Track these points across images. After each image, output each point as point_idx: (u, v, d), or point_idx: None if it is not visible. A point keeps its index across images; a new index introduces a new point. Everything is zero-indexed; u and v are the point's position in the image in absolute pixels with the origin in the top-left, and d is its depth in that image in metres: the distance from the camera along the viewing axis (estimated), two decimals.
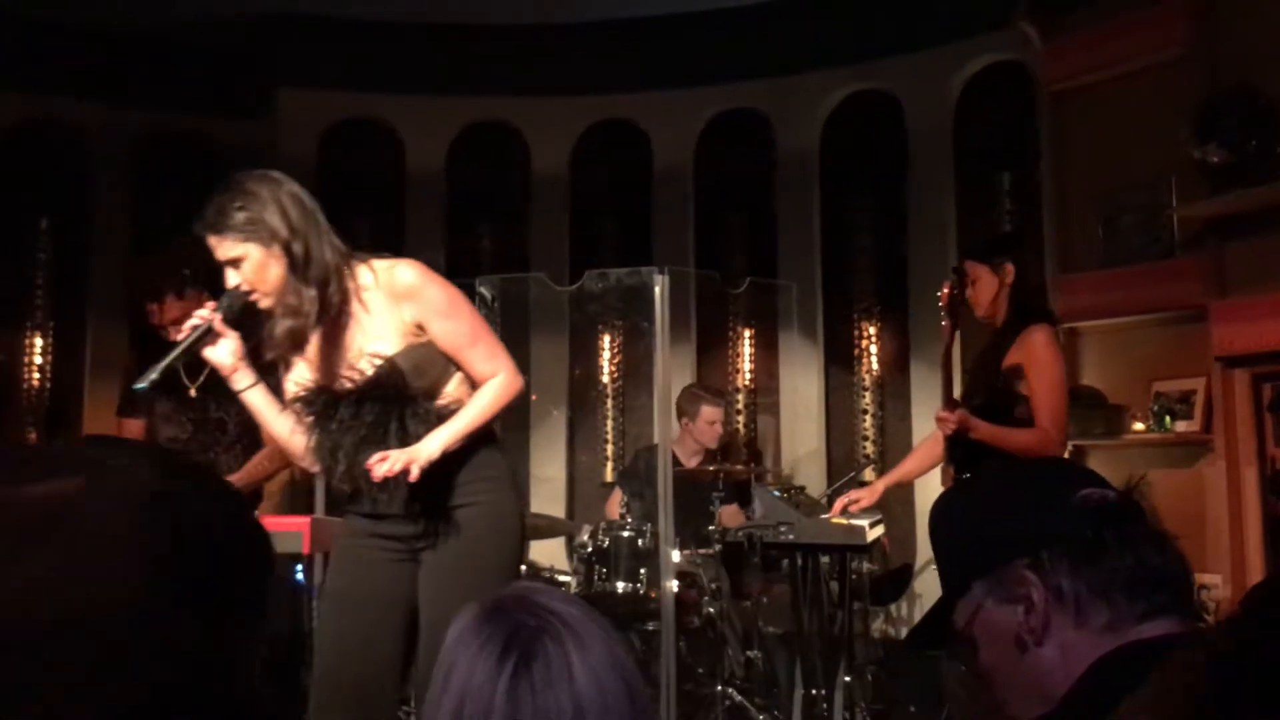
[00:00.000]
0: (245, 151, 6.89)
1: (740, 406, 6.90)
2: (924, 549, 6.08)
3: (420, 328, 2.74)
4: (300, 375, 2.77)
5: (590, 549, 4.82)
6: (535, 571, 4.99)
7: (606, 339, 7.04)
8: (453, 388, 2.77)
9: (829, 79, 6.71)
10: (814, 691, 4.36)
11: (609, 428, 7.01)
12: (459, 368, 2.78)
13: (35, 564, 0.68)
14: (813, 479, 6.27)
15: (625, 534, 4.78)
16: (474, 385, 2.79)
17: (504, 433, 6.99)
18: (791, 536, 4.12)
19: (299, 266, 2.66)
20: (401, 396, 2.69)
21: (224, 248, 2.67)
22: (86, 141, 6.65)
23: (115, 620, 0.69)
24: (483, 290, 4.03)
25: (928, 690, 4.37)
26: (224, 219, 2.65)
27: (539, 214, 7.11)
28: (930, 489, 4.67)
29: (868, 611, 5.22)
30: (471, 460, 2.74)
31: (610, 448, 6.95)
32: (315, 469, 2.78)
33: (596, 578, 4.76)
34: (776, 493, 4.46)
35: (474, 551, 2.70)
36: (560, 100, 6.97)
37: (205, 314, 2.65)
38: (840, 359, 6.69)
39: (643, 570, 4.69)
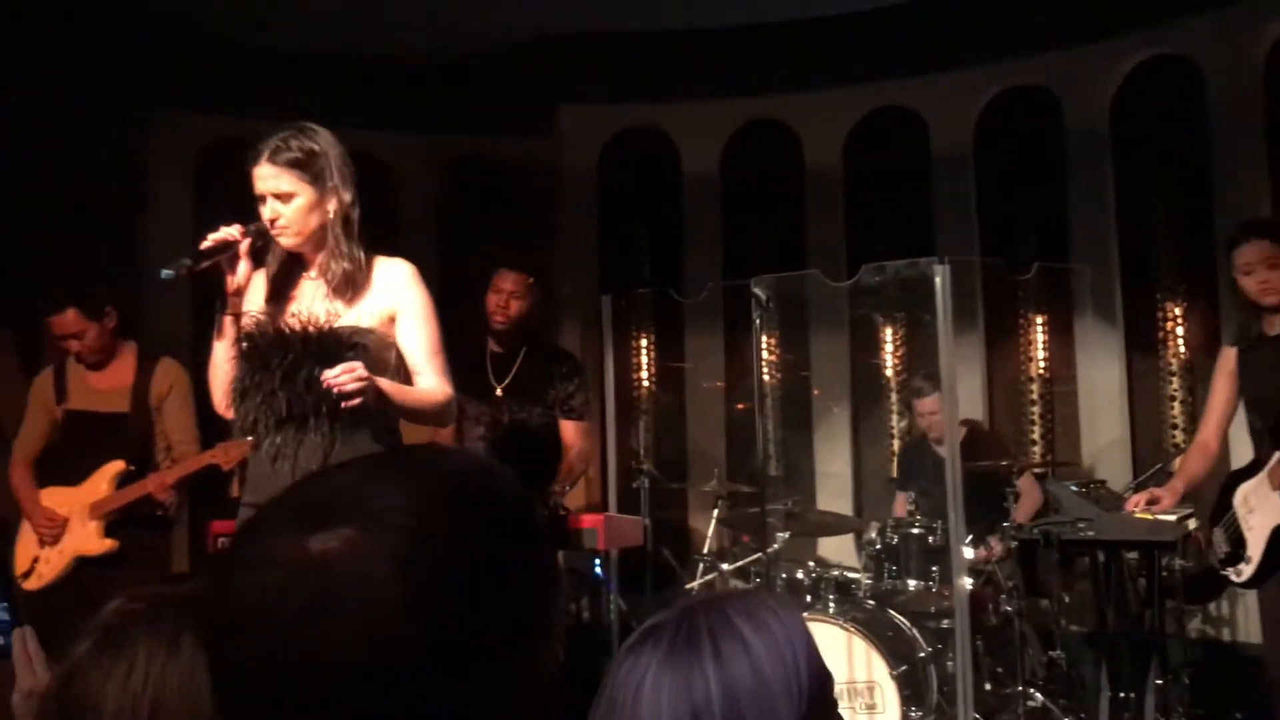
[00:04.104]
0: (531, 168, 7.23)
1: (1035, 397, 6.62)
2: None
3: (393, 322, 2.85)
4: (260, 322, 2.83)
5: (879, 546, 4.78)
6: (825, 568, 4.99)
7: (889, 332, 6.93)
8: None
9: (1119, 47, 6.32)
10: (1123, 695, 4.15)
11: (894, 423, 6.90)
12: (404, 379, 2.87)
13: (324, 626, 0.73)
14: (1115, 472, 5.93)
15: (915, 531, 4.71)
16: None
17: (786, 430, 7.04)
18: (1091, 533, 3.95)
19: (350, 223, 2.81)
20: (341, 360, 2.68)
21: (278, 181, 2.76)
22: (392, 170, 7.14)
23: (400, 674, 0.73)
24: (757, 291, 4.05)
25: (1254, 694, 4.07)
26: (288, 154, 2.76)
27: (814, 209, 7.07)
28: None
29: (1182, 611, 4.90)
30: (371, 450, 2.76)
31: (896, 443, 6.83)
32: (228, 410, 2.79)
33: (887, 575, 4.73)
34: (1074, 487, 4.26)
35: None
36: (831, 92, 6.91)
37: (235, 233, 2.76)
38: (1143, 343, 6.30)
39: (934, 567, 4.61)
